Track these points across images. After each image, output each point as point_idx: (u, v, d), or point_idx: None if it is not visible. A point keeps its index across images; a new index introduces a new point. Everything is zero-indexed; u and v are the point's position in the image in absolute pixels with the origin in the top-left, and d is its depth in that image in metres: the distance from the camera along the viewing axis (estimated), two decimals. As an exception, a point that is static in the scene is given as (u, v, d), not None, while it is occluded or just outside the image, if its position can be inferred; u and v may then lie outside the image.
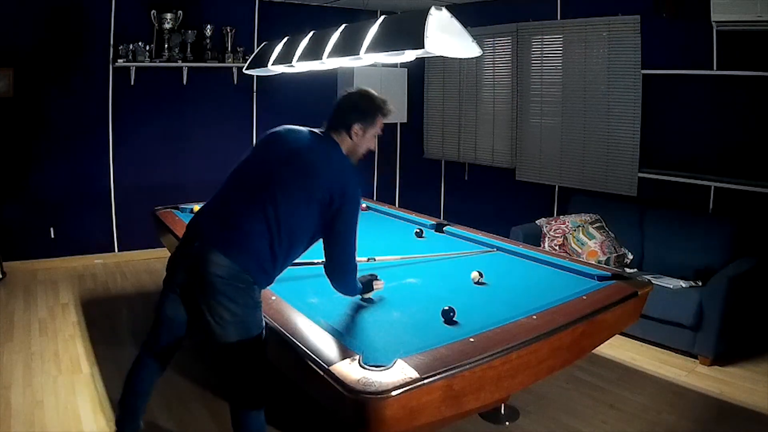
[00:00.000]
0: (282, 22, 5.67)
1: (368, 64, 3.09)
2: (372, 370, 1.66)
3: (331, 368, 1.69)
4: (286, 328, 2.00)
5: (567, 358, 2.26)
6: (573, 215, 4.52)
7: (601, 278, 2.68)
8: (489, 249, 3.25)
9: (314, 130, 2.22)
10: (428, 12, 2.23)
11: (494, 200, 5.91)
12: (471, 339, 1.91)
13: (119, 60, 5.11)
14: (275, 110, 6.10)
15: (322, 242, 2.11)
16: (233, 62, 5.57)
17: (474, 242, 3.39)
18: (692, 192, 4.27)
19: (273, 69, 3.51)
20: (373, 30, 2.54)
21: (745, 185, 3.92)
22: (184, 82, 5.52)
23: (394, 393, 1.57)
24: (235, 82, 5.78)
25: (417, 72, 6.51)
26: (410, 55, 2.47)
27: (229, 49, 5.57)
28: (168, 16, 5.18)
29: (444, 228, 3.64)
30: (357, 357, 1.75)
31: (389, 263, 2.95)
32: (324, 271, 2.17)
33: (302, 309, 2.19)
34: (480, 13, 5.67)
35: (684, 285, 3.65)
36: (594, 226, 4.31)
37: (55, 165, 5.11)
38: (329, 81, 6.23)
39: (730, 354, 3.50)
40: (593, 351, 2.62)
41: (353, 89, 2.28)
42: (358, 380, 1.61)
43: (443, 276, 2.80)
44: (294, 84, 5.52)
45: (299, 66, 3.22)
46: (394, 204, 6.64)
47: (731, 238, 3.83)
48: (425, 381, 1.64)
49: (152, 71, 5.34)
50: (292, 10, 5.96)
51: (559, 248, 4.31)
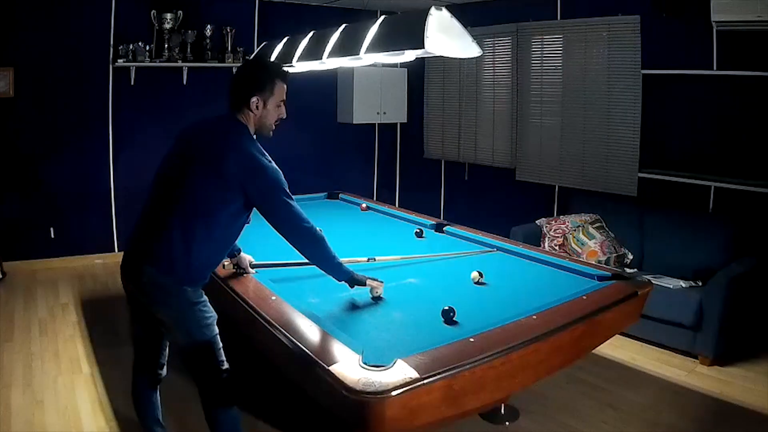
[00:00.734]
0: (282, 22, 5.68)
1: (368, 64, 3.10)
2: (372, 370, 1.66)
3: (331, 368, 1.69)
4: (286, 328, 2.00)
5: (567, 358, 2.26)
6: (573, 215, 4.52)
7: (601, 278, 2.68)
8: (489, 249, 3.24)
9: (221, 116, 2.16)
10: (428, 12, 2.23)
11: (494, 200, 5.91)
12: (471, 339, 1.91)
13: (119, 60, 5.12)
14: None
15: (273, 228, 2.07)
16: (233, 62, 5.57)
17: (474, 242, 3.39)
18: (692, 192, 4.27)
19: (273, 69, 3.50)
20: (373, 30, 2.54)
21: (745, 185, 3.92)
22: (184, 82, 5.52)
23: (394, 393, 1.57)
24: (235, 82, 5.77)
25: (417, 72, 6.51)
26: (410, 55, 2.48)
27: (229, 49, 5.56)
28: (168, 16, 5.18)
29: (444, 228, 3.64)
30: (357, 357, 1.75)
31: (389, 263, 2.95)
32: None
33: (302, 309, 2.19)
34: (480, 13, 5.67)
35: (684, 285, 3.65)
36: (594, 226, 4.31)
37: (55, 165, 5.11)
38: (329, 81, 6.25)
39: (730, 354, 3.49)
40: (593, 351, 2.62)
41: (247, 60, 2.22)
42: (358, 380, 1.61)
43: (443, 276, 2.80)
44: (294, 84, 5.50)
45: (299, 66, 3.23)
46: (394, 204, 6.64)
47: (731, 238, 3.83)
48: (425, 381, 1.64)
49: (152, 71, 5.34)
50: (292, 10, 5.97)
51: (559, 248, 4.31)
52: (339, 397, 1.62)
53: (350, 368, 1.68)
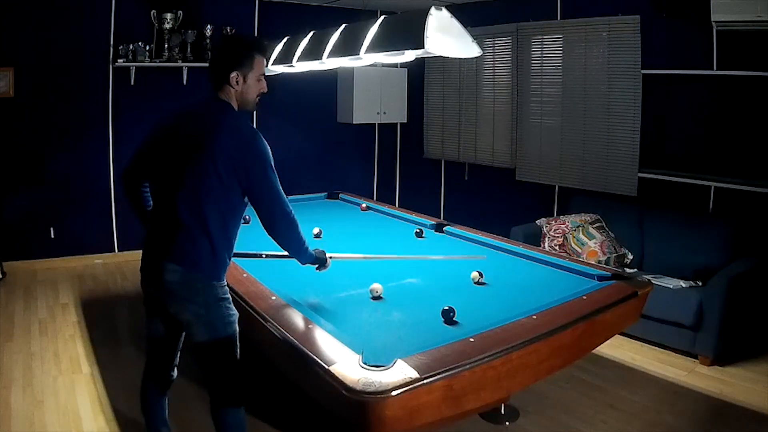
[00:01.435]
0: (282, 22, 5.68)
1: (368, 64, 3.10)
2: (372, 370, 1.66)
3: (331, 368, 1.69)
4: (286, 328, 2.00)
5: (567, 358, 2.26)
6: (573, 215, 4.52)
7: (601, 278, 2.68)
8: (478, 256, 3.06)
9: (202, 99, 2.11)
10: (428, 12, 2.23)
11: (494, 200, 5.91)
12: (471, 339, 1.91)
13: (119, 60, 5.12)
14: (275, 110, 6.10)
15: (250, 202, 2.03)
16: (233, 62, 5.56)
17: (474, 242, 3.39)
18: (692, 192, 4.27)
19: (273, 69, 3.51)
20: (373, 30, 2.54)
21: (745, 185, 3.92)
22: (184, 82, 5.52)
23: (394, 393, 1.57)
24: (235, 82, 5.77)
25: (417, 72, 6.51)
26: (410, 55, 2.48)
27: (229, 49, 5.56)
28: (168, 16, 5.18)
29: (444, 228, 3.64)
30: (357, 357, 1.75)
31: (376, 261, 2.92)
32: (265, 231, 2.07)
33: (302, 309, 2.19)
34: (480, 13, 5.67)
35: (684, 285, 3.65)
36: (594, 226, 4.31)
37: (55, 165, 5.11)
38: (329, 81, 6.24)
39: (730, 354, 3.49)
40: (593, 351, 2.62)
41: (224, 37, 2.17)
42: (358, 380, 1.61)
43: (443, 276, 2.80)
44: (294, 84, 5.52)
45: (299, 66, 3.23)
46: (394, 204, 6.64)
47: (731, 238, 3.83)
48: (425, 381, 1.64)
49: (152, 71, 5.34)
50: (292, 10, 5.97)
51: (559, 248, 4.31)
52: (339, 397, 1.62)
53: (350, 368, 1.68)
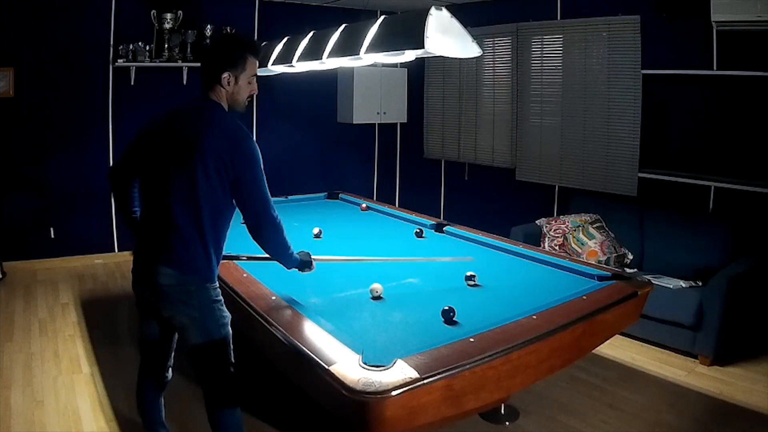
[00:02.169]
0: (282, 22, 5.68)
1: (368, 64, 3.10)
2: (372, 370, 1.66)
3: (331, 368, 1.69)
4: (287, 328, 2.00)
5: (567, 358, 2.26)
6: (573, 215, 4.52)
7: (601, 278, 2.68)
8: (465, 258, 2.94)
9: (192, 99, 2.10)
10: (428, 12, 2.23)
11: (494, 200, 5.91)
12: (471, 339, 1.91)
13: (119, 60, 5.12)
14: (275, 110, 6.11)
15: (236, 203, 2.02)
16: (233, 62, 5.56)
17: (474, 242, 3.39)
18: (692, 192, 4.27)
19: (273, 69, 3.51)
20: (373, 30, 2.54)
21: (745, 185, 3.92)
22: (184, 82, 5.52)
23: (394, 393, 1.57)
24: (235, 82, 5.77)
25: (417, 72, 6.51)
26: (410, 55, 2.48)
27: (229, 49, 5.56)
28: (168, 16, 5.18)
29: (444, 228, 3.64)
30: (357, 357, 1.75)
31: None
32: (250, 234, 2.06)
33: (302, 309, 2.19)
34: (480, 13, 5.67)
35: (684, 285, 3.65)
36: (594, 226, 4.31)
37: (56, 165, 5.11)
38: (329, 81, 6.25)
39: (730, 354, 3.49)
40: (593, 351, 2.62)
41: (217, 37, 2.15)
42: (358, 380, 1.61)
43: (443, 276, 2.80)
44: (294, 84, 5.52)
45: (299, 66, 3.23)
46: (394, 204, 6.64)
47: (731, 238, 3.83)
48: (425, 381, 1.64)
49: (152, 71, 5.34)
50: (292, 10, 5.97)
51: (559, 248, 4.31)
52: (339, 397, 1.62)
53: (350, 368, 1.68)
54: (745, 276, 3.50)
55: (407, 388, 1.60)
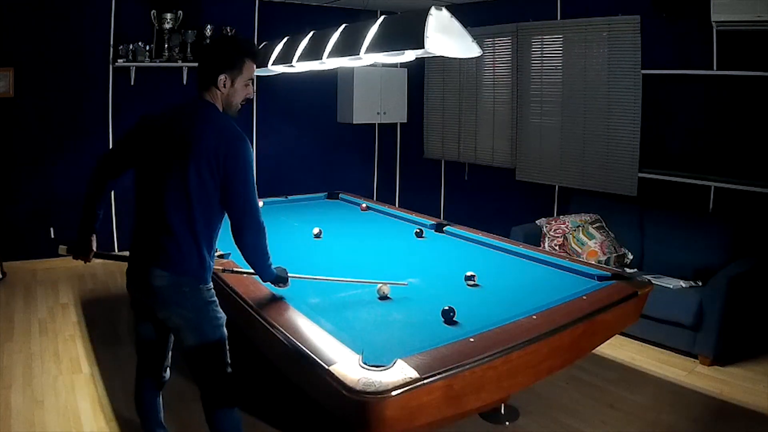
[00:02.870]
0: (282, 22, 5.68)
1: (368, 64, 3.10)
2: (372, 370, 1.66)
3: (331, 368, 1.69)
4: (286, 328, 2.00)
5: (567, 358, 2.26)
6: (573, 215, 4.52)
7: (601, 278, 2.68)
8: (404, 282, 2.56)
9: (187, 100, 2.08)
10: (428, 12, 2.23)
11: (494, 200, 5.91)
12: (471, 339, 1.91)
13: (119, 60, 5.12)
14: (275, 110, 6.11)
15: (223, 203, 1.97)
16: (233, 62, 5.57)
17: (474, 242, 3.39)
18: (692, 192, 4.27)
19: (273, 69, 3.51)
20: (373, 30, 2.54)
21: (745, 185, 3.92)
22: (184, 82, 5.51)
23: (394, 393, 1.57)
24: (235, 82, 5.77)
25: (417, 72, 6.51)
26: (410, 55, 2.48)
27: (229, 49, 5.56)
28: (168, 16, 5.18)
29: (444, 228, 3.64)
30: (357, 357, 1.75)
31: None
32: (232, 236, 2.01)
33: (302, 309, 2.19)
34: (480, 13, 5.67)
35: (684, 285, 3.65)
36: (594, 226, 4.31)
37: (55, 165, 5.11)
38: (329, 81, 6.24)
39: (730, 354, 3.49)
40: (593, 351, 2.62)
41: (216, 38, 2.13)
42: (358, 380, 1.61)
43: (443, 276, 2.80)
44: (294, 84, 5.52)
45: (299, 66, 3.23)
46: (394, 204, 6.64)
47: (731, 238, 3.83)
48: (425, 381, 1.64)
49: (152, 71, 5.34)
50: (292, 10, 5.96)
51: (559, 248, 4.31)
52: (339, 397, 1.62)
53: (350, 368, 1.68)
54: (745, 276, 3.50)
55: (407, 388, 1.60)
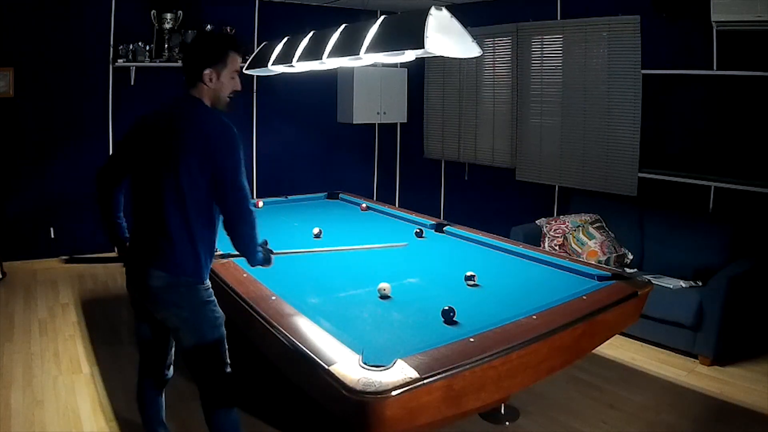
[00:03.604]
0: (282, 22, 5.68)
1: (368, 64, 3.10)
2: (372, 370, 1.66)
3: (331, 368, 1.69)
4: (287, 328, 2.00)
5: (567, 358, 2.26)
6: (573, 215, 4.52)
7: (601, 278, 2.68)
8: (401, 243, 3.08)
9: (175, 97, 2.07)
10: (428, 12, 2.23)
11: (494, 200, 5.91)
12: (471, 339, 1.91)
13: (119, 60, 5.12)
14: (275, 110, 6.11)
15: (216, 198, 1.97)
16: (233, 62, 5.57)
17: (474, 242, 3.39)
18: (692, 192, 4.27)
19: (273, 69, 3.51)
20: (373, 30, 2.54)
21: (745, 185, 3.92)
22: (184, 82, 5.52)
23: (394, 393, 1.57)
24: (235, 82, 5.77)
25: (417, 72, 6.51)
26: (410, 55, 2.47)
27: (229, 49, 5.56)
28: (168, 16, 5.18)
29: (444, 228, 3.64)
30: (357, 357, 1.75)
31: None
32: (224, 228, 2.01)
33: (302, 309, 2.19)
34: (480, 13, 5.67)
35: (684, 285, 3.65)
36: (594, 226, 4.31)
37: (55, 165, 5.11)
38: (329, 81, 6.24)
39: (730, 354, 3.49)
40: (593, 351, 2.62)
41: (198, 34, 2.14)
42: (358, 380, 1.61)
43: (443, 276, 2.80)
44: (294, 84, 5.52)
45: (299, 66, 3.22)
46: (394, 204, 6.64)
47: (731, 239, 3.83)
48: (425, 381, 1.64)
49: (152, 71, 5.34)
50: (292, 10, 5.97)
51: (559, 248, 4.31)
52: (339, 397, 1.62)
53: (350, 368, 1.68)
54: (745, 276, 3.50)
55: (407, 388, 1.60)
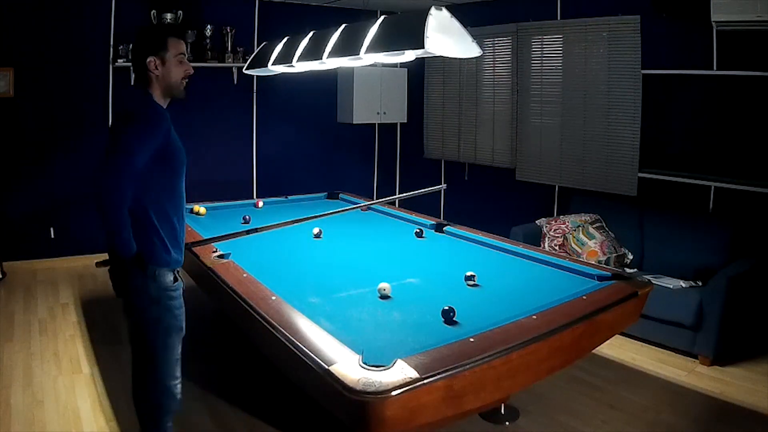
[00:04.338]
0: (282, 22, 5.68)
1: (368, 64, 3.10)
2: (372, 370, 1.66)
3: (331, 368, 1.69)
4: (287, 328, 2.00)
5: (567, 358, 2.26)
6: (573, 215, 4.52)
7: (601, 278, 2.68)
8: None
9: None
10: (428, 12, 2.23)
11: (494, 200, 5.91)
12: (471, 339, 1.91)
13: (119, 60, 5.11)
14: (275, 110, 6.11)
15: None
16: (233, 62, 5.57)
17: (474, 242, 3.39)
18: (692, 192, 4.27)
19: (273, 69, 3.51)
20: (373, 30, 2.54)
21: (745, 185, 3.92)
22: (184, 82, 5.52)
23: (394, 393, 1.57)
24: (235, 82, 5.78)
25: (417, 72, 6.51)
26: (410, 55, 2.48)
27: (229, 49, 5.57)
28: (168, 16, 5.18)
29: (444, 228, 3.64)
30: (357, 357, 1.75)
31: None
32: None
33: (302, 309, 2.19)
34: (480, 13, 5.67)
35: (684, 285, 3.65)
36: (594, 226, 4.31)
37: (55, 165, 5.11)
38: (329, 81, 6.24)
39: (730, 354, 3.49)
40: (593, 351, 2.62)
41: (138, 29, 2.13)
42: (358, 380, 1.61)
43: (443, 276, 2.80)
44: (294, 84, 5.52)
45: (299, 66, 3.22)
46: (394, 204, 6.64)
47: (731, 238, 3.83)
48: (425, 381, 1.64)
49: (152, 71, 5.33)
50: (292, 10, 5.97)
51: (559, 248, 4.31)
52: (339, 397, 1.62)
53: (350, 368, 1.68)
54: (745, 276, 3.50)
55: (407, 388, 1.60)
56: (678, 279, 3.75)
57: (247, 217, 3.84)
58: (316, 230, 3.47)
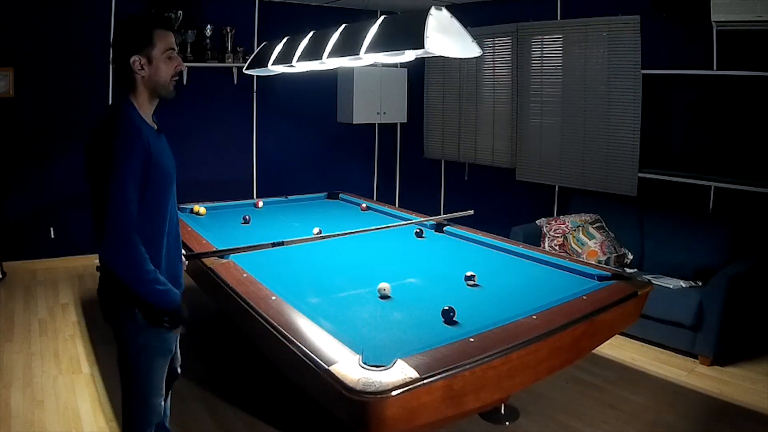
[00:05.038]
0: (282, 22, 5.68)
1: (368, 64, 3.10)
2: (372, 370, 1.66)
3: (331, 368, 1.69)
4: (287, 328, 2.00)
5: (567, 358, 2.26)
6: (573, 215, 4.52)
7: (601, 278, 2.68)
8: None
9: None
10: (428, 12, 2.23)
11: (494, 200, 5.91)
12: (471, 339, 1.91)
13: (119, 60, 5.11)
14: (275, 110, 6.11)
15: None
16: (233, 62, 5.57)
17: (474, 242, 3.39)
18: (692, 192, 4.27)
19: (273, 69, 3.51)
20: (373, 30, 2.54)
21: (745, 185, 3.92)
22: (184, 82, 5.51)
23: (394, 393, 1.57)
24: (235, 82, 5.78)
25: (417, 72, 6.51)
26: (410, 55, 2.47)
27: (229, 49, 5.56)
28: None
29: (444, 228, 3.64)
30: (357, 357, 1.75)
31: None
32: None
33: (302, 309, 2.19)
34: (480, 13, 5.67)
35: (684, 285, 3.65)
36: (594, 226, 4.31)
37: (55, 165, 5.11)
38: (329, 81, 6.25)
39: (730, 354, 3.50)
40: (593, 351, 2.62)
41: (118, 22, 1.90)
42: (358, 380, 1.61)
43: (443, 276, 2.80)
44: (294, 84, 5.52)
45: (299, 66, 3.22)
46: (394, 204, 6.64)
47: (731, 239, 3.83)
48: (425, 381, 1.64)
49: (152, 71, 5.33)
50: (292, 10, 5.97)
51: (559, 248, 4.31)
52: (339, 397, 1.62)
53: (350, 368, 1.68)
54: (745, 276, 3.50)
55: (407, 388, 1.60)
56: (678, 279, 3.75)
57: (247, 217, 3.84)
58: (316, 230, 3.46)
